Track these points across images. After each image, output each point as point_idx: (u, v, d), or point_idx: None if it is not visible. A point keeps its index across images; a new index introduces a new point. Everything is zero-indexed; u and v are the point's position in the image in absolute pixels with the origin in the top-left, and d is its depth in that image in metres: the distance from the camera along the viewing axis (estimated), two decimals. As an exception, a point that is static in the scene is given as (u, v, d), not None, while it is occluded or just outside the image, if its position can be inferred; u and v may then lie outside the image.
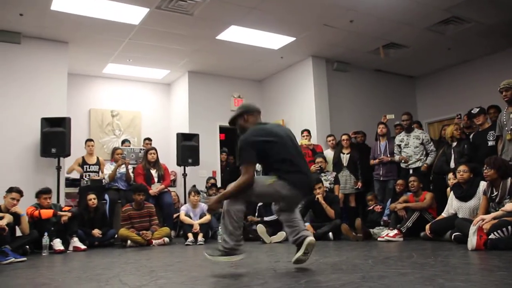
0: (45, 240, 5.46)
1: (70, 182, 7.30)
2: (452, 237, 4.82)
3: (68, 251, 5.76)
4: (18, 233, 5.49)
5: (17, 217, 5.28)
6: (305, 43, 7.89)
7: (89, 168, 7.16)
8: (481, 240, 4.14)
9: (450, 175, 5.68)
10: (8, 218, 5.04)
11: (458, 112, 7.20)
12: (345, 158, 7.41)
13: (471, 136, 6.27)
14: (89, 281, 3.28)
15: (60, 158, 6.84)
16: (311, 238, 3.33)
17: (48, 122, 6.75)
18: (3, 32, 6.82)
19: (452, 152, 6.24)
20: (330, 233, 6.05)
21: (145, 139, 8.42)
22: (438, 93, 9.64)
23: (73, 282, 3.35)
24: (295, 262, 3.35)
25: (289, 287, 2.74)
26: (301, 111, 8.74)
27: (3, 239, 4.85)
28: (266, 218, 6.56)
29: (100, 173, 7.19)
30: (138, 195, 6.38)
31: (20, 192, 5.42)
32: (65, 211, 6.08)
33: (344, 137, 7.52)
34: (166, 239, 6.34)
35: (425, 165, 6.68)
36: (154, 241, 6.27)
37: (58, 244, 5.66)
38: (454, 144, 6.28)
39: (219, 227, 6.82)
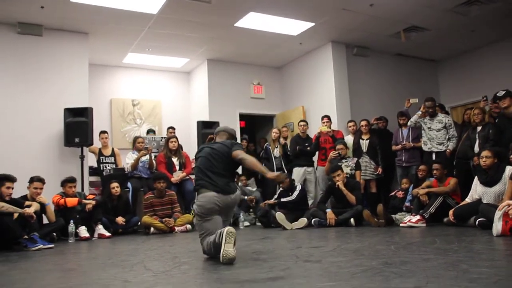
0: (71, 227, 5.59)
1: (93, 171, 7.42)
2: (477, 222, 4.75)
3: (93, 238, 5.89)
4: (45, 221, 5.64)
5: (42, 206, 5.41)
6: (324, 28, 7.79)
7: (105, 160, 7.27)
8: (506, 225, 4.07)
9: (475, 159, 5.59)
10: (35, 206, 5.16)
11: (484, 95, 7.03)
12: (364, 144, 7.35)
13: (496, 120, 6.15)
14: (115, 267, 3.35)
15: (84, 147, 6.95)
16: (228, 228, 3.27)
17: (70, 113, 6.86)
18: (25, 25, 6.92)
19: (477, 137, 6.12)
20: (352, 219, 6.04)
21: (168, 128, 8.46)
22: (461, 77, 9.45)
23: (99, 268, 3.43)
24: (224, 261, 3.16)
25: (312, 272, 2.76)
26: (321, 97, 8.68)
27: (31, 226, 4.98)
28: (282, 199, 6.58)
29: (116, 164, 7.30)
30: (158, 183, 6.46)
31: (41, 180, 5.54)
32: (89, 199, 6.22)
33: (363, 122, 7.44)
34: (189, 226, 6.42)
35: (448, 150, 6.56)
36: (176, 228, 6.35)
37: (83, 231, 5.79)
38: (479, 128, 6.16)
39: (240, 213, 6.94)
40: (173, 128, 8.41)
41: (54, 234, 5.62)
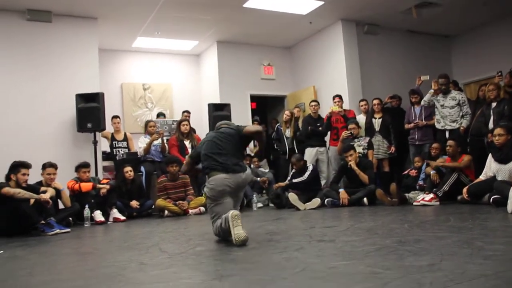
0: (87, 212, 5.67)
1: (107, 156, 7.48)
2: (491, 200, 4.71)
3: (108, 222, 5.97)
4: (61, 206, 5.73)
5: (57, 191, 5.50)
6: (334, 7, 7.66)
7: (118, 144, 7.32)
8: (521, 202, 4.04)
9: (489, 135, 5.53)
10: (50, 191, 5.24)
11: (498, 70, 6.91)
12: (377, 123, 7.29)
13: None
14: (130, 250, 3.40)
15: (96, 132, 7.00)
16: (232, 211, 3.30)
17: (82, 98, 6.90)
18: (34, 11, 6.91)
19: (492, 113, 6.03)
20: (365, 199, 6.04)
21: (183, 112, 8.43)
22: (475, 52, 9.26)
23: (115, 251, 3.49)
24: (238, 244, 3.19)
25: (325, 252, 2.77)
26: (332, 76, 8.60)
27: (48, 211, 5.06)
28: (294, 180, 6.60)
29: (129, 148, 7.34)
30: (171, 167, 6.51)
31: (53, 166, 5.62)
32: (103, 184, 6.28)
33: (376, 101, 7.37)
34: (202, 208, 6.46)
35: (462, 127, 6.48)
36: (190, 211, 6.41)
37: (99, 215, 5.87)
38: (494, 104, 6.06)
39: (253, 195, 6.97)
40: (188, 112, 8.39)
41: (70, 218, 5.73)
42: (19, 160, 5.16)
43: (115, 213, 6.09)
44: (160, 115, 8.80)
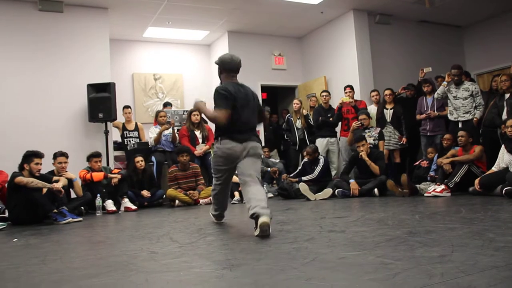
0: (98, 201, 5.73)
1: (118, 146, 7.53)
2: (503, 191, 4.68)
3: (120, 212, 6.03)
4: (73, 195, 5.79)
5: (69, 181, 5.56)
6: (346, -4, 7.61)
7: (129, 134, 7.35)
8: (534, 194, 4.00)
9: (502, 126, 5.47)
10: (63, 181, 5.30)
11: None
12: (388, 113, 7.24)
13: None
14: (141, 239, 3.43)
15: (107, 122, 7.04)
16: (263, 220, 3.08)
17: (93, 88, 6.93)
18: (46, 1, 6.95)
19: (505, 104, 5.95)
20: (376, 189, 6.02)
21: None
22: (488, 43, 9.14)
23: (127, 240, 3.52)
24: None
25: (336, 242, 2.77)
26: (344, 67, 8.55)
27: (60, 200, 5.12)
28: (304, 178, 6.56)
29: (140, 138, 7.38)
30: (182, 157, 6.54)
31: (64, 155, 5.68)
32: (114, 173, 6.33)
33: (387, 92, 7.31)
34: (212, 198, 6.48)
35: (475, 118, 6.40)
36: (201, 200, 6.45)
37: (110, 205, 5.93)
38: (507, 95, 5.97)
39: (264, 185, 6.95)
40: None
41: (82, 208, 5.80)
42: (31, 149, 5.22)
43: (126, 202, 6.14)
44: (167, 104, 8.80)
